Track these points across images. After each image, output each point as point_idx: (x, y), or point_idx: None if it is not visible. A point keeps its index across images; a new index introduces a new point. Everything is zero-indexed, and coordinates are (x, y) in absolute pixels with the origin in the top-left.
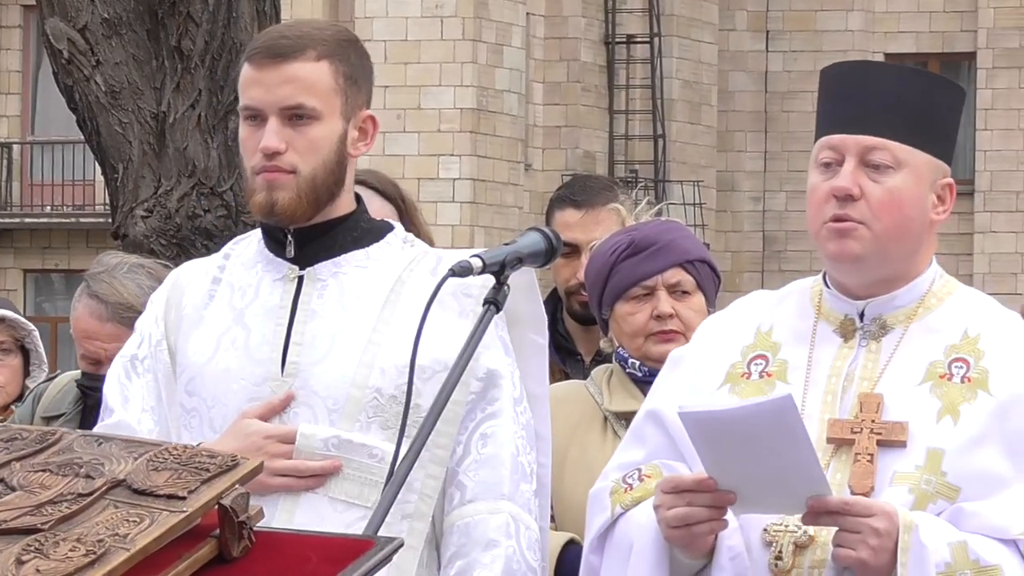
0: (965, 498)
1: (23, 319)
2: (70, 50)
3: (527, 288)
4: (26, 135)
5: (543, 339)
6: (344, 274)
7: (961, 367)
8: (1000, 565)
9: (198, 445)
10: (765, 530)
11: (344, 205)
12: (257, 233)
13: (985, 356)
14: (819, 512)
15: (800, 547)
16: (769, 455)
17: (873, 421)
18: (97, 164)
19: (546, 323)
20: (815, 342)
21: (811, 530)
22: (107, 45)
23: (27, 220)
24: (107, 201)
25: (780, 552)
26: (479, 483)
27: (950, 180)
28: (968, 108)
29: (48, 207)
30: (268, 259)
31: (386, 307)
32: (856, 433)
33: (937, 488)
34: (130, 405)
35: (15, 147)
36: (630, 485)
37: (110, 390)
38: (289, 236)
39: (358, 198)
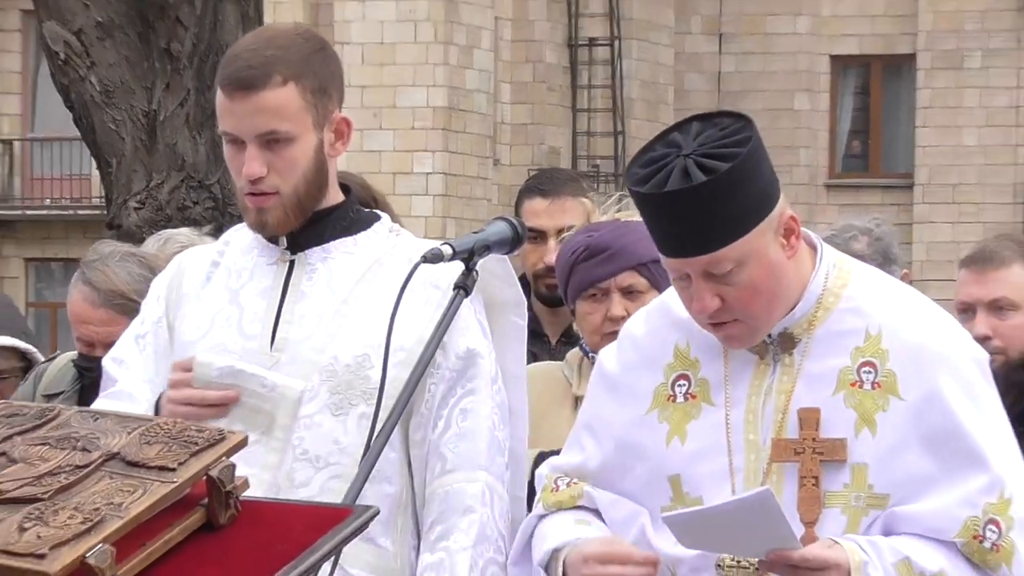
0: (896, 502)
1: (22, 344)
2: (66, 52)
3: (505, 275)
4: (26, 132)
5: (523, 320)
6: (332, 259)
7: (870, 372)
8: (943, 571)
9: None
10: (719, 566)
11: (331, 198)
12: None
13: (890, 357)
14: (779, 564)
15: None
16: (748, 532)
17: (814, 440)
18: (93, 159)
19: (525, 305)
20: (729, 357)
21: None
22: (101, 47)
23: (28, 212)
24: (102, 194)
25: None
26: (458, 455)
27: (790, 213)
28: (908, 106)
29: (48, 200)
30: (263, 245)
31: (360, 284)
32: (800, 454)
33: (867, 502)
34: (132, 377)
35: (16, 144)
36: (558, 487)
37: (115, 362)
38: (273, 233)
39: (348, 189)
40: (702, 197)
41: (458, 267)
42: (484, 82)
